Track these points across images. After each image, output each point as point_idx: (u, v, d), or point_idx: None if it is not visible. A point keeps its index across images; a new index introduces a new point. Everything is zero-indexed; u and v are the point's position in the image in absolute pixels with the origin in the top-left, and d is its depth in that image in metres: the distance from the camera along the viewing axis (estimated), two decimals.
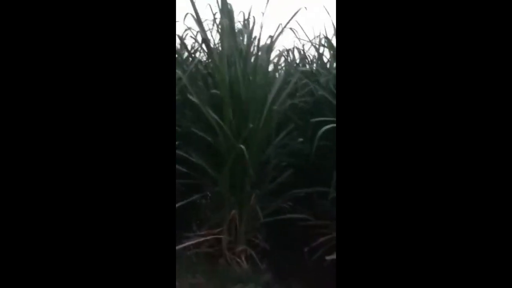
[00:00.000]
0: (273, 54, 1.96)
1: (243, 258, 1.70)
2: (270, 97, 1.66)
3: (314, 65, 2.21)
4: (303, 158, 1.90)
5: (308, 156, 1.86)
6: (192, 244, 1.67)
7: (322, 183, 1.70)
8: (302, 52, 2.34)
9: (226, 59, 1.63)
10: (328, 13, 1.96)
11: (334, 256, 1.50)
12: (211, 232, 1.68)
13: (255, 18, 2.14)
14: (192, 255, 1.64)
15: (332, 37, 1.99)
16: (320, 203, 1.82)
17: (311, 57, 2.37)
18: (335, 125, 1.66)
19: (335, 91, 1.84)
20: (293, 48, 2.41)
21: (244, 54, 1.65)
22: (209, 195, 1.78)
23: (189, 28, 2.00)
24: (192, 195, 1.70)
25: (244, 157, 1.54)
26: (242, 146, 1.51)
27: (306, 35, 2.38)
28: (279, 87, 1.75)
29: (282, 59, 2.27)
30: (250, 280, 1.53)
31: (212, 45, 1.74)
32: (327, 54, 2.24)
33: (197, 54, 2.03)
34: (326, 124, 1.76)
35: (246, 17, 1.90)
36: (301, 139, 1.69)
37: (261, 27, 1.71)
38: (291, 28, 1.86)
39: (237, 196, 1.69)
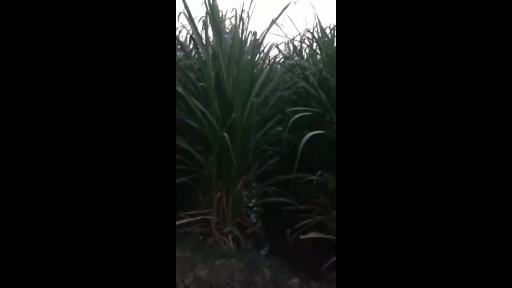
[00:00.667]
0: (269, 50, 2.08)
1: (230, 238, 1.86)
2: (254, 90, 1.79)
3: (299, 57, 2.31)
4: (289, 147, 2.02)
5: (294, 144, 1.98)
6: (184, 223, 1.83)
7: (306, 170, 1.81)
8: (292, 46, 2.44)
9: (214, 54, 1.77)
10: (313, 7, 2.05)
11: (308, 236, 1.63)
12: (201, 213, 1.84)
13: (249, 14, 2.26)
14: (183, 233, 1.81)
15: (313, 30, 2.08)
16: (304, 188, 1.93)
17: (303, 50, 2.47)
18: (306, 113, 1.77)
19: (317, 83, 1.94)
20: (288, 42, 2.52)
21: (228, 49, 1.78)
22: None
23: (183, 26, 2.15)
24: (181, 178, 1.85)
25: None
26: (225, 134, 1.65)
27: (297, 28, 2.48)
28: (263, 80, 1.87)
29: (274, 53, 2.39)
30: (234, 256, 1.68)
31: (204, 41, 1.88)
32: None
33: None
34: (308, 115, 1.88)
35: (239, 13, 2.02)
36: (280, 128, 1.81)
37: (242, 23, 1.83)
38: (276, 24, 1.96)
39: (224, 181, 1.84)
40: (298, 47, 2.45)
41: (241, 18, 1.96)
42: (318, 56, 2.26)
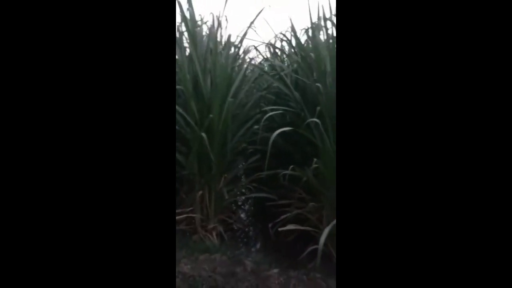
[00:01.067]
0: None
1: (214, 234, 1.93)
2: (231, 91, 1.86)
3: (276, 59, 2.39)
4: (267, 145, 2.10)
5: (274, 142, 2.06)
6: None
7: (287, 165, 1.88)
8: (271, 48, 2.53)
9: (191, 57, 1.84)
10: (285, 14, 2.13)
11: (287, 228, 1.71)
12: (185, 211, 1.91)
13: (227, 18, 2.34)
14: None
15: (286, 31, 2.17)
16: (284, 184, 2.01)
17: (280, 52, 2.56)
18: (279, 112, 1.86)
19: (294, 83, 2.03)
20: (268, 45, 2.61)
21: (203, 53, 1.85)
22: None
23: None
24: None
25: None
26: (204, 135, 1.72)
27: (273, 31, 2.56)
28: (241, 82, 1.95)
29: (252, 54, 2.47)
30: (217, 251, 1.75)
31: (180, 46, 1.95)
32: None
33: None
34: (287, 114, 1.96)
35: (216, 18, 2.10)
36: (256, 126, 1.89)
37: (220, 27, 1.91)
38: (252, 28, 2.04)
39: (205, 179, 1.91)
40: (278, 49, 2.53)
41: (219, 22, 2.04)
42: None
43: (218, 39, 1.95)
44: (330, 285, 1.50)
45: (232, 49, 2.05)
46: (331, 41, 1.79)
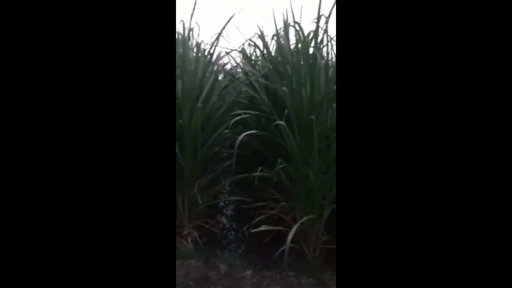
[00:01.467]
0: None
1: (189, 240, 1.93)
2: (201, 97, 1.89)
3: (248, 64, 2.45)
4: (245, 148, 2.13)
5: (249, 145, 2.10)
6: None
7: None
8: (243, 54, 2.58)
9: None
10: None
11: (260, 229, 1.73)
12: None
13: (199, 25, 2.38)
14: None
15: (255, 37, 2.23)
16: (260, 186, 2.04)
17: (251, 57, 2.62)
18: (244, 116, 1.91)
19: (264, 87, 2.08)
20: (242, 50, 2.66)
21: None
22: None
23: None
24: None
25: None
26: None
27: (244, 37, 2.63)
28: (211, 87, 1.98)
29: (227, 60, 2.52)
30: (192, 256, 1.75)
31: None
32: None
33: None
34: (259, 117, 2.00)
35: (187, 25, 2.13)
36: (226, 130, 1.92)
37: (192, 34, 1.94)
38: (222, 35, 2.09)
39: (178, 185, 1.91)
40: (250, 54, 2.59)
41: (190, 29, 2.07)
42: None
43: (190, 45, 1.98)
44: (301, 282, 1.53)
45: (205, 55, 2.08)
46: (295, 45, 1.86)
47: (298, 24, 1.72)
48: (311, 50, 1.76)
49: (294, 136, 1.71)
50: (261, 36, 2.13)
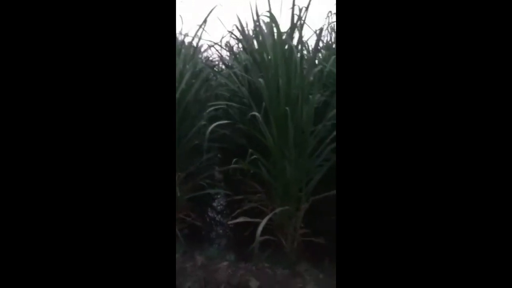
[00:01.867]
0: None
1: None
2: (178, 91, 1.88)
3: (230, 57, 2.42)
4: (227, 140, 2.13)
5: (230, 138, 2.10)
6: None
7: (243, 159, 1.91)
8: (227, 46, 2.56)
9: None
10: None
11: (237, 220, 1.74)
12: None
13: (182, 18, 2.35)
14: None
15: (233, 29, 2.21)
16: (240, 179, 2.05)
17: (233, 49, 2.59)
18: (218, 107, 1.89)
19: (244, 80, 2.07)
20: (227, 43, 2.63)
21: None
22: None
23: None
24: None
25: None
26: None
27: (227, 29, 2.59)
28: (189, 80, 1.97)
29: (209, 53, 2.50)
30: None
31: None
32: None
33: None
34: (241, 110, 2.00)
35: None
36: (204, 123, 1.91)
37: None
38: (203, 28, 2.06)
39: None
40: (232, 46, 2.56)
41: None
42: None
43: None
44: (276, 273, 1.54)
45: (185, 46, 2.06)
46: (271, 36, 1.84)
47: (271, 13, 1.69)
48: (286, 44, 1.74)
49: (270, 129, 1.71)
50: (240, 28, 2.11)
